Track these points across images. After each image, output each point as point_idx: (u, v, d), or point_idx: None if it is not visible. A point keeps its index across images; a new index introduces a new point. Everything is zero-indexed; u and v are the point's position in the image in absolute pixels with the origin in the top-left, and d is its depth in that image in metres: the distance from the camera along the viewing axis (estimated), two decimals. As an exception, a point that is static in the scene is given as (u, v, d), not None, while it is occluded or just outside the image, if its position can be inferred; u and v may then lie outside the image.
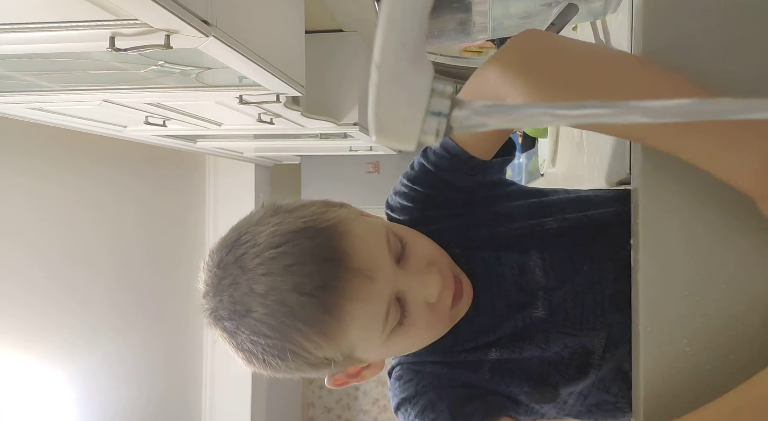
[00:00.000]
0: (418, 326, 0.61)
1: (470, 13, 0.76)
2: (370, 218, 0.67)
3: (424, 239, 0.66)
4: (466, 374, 0.69)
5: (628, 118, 0.26)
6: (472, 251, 0.71)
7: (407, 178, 0.69)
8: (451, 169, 0.66)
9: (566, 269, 0.69)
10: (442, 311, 0.63)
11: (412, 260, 0.62)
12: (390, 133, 0.29)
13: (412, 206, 0.70)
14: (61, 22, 0.96)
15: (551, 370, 0.69)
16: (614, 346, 0.69)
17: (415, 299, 0.60)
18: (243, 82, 1.47)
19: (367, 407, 4.32)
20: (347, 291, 0.55)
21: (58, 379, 2.11)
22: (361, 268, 0.56)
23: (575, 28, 1.05)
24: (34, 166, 2.02)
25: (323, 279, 0.55)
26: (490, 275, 0.69)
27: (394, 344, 0.62)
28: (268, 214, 0.61)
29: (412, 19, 0.28)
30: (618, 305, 0.67)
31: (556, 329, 0.68)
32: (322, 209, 0.61)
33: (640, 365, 0.53)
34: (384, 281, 0.58)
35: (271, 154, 3.24)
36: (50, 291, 2.07)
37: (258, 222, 0.60)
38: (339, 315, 0.55)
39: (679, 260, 0.52)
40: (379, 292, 0.57)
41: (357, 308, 0.56)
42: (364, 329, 0.58)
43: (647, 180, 0.53)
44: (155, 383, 2.72)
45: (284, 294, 0.54)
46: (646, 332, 0.53)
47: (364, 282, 0.56)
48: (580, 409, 0.73)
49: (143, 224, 2.64)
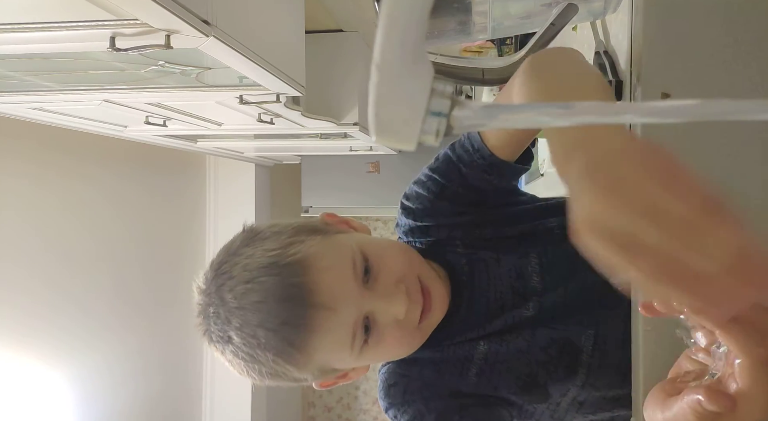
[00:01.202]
0: (388, 342, 0.65)
1: (470, 14, 0.76)
2: (340, 241, 0.67)
3: (394, 254, 0.68)
4: (454, 379, 0.71)
5: (623, 118, 0.26)
6: (475, 250, 0.73)
7: (429, 168, 0.73)
8: (470, 161, 0.69)
9: (562, 272, 0.71)
10: (411, 327, 0.65)
11: (381, 279, 0.64)
12: (390, 133, 0.29)
13: (426, 195, 0.72)
14: (62, 22, 0.96)
15: (539, 369, 0.70)
16: (604, 343, 0.69)
17: (383, 318, 0.63)
18: (243, 82, 1.47)
19: (368, 407, 4.32)
20: (309, 325, 0.59)
21: (57, 380, 2.11)
22: (323, 301, 0.60)
23: (575, 28, 1.05)
24: (34, 167, 2.02)
25: (286, 316, 0.59)
26: (488, 276, 0.72)
27: (368, 357, 0.66)
28: (243, 243, 0.65)
29: (412, 19, 0.28)
30: (607, 305, 0.69)
31: (543, 324, 0.70)
32: (290, 240, 0.64)
33: (641, 366, 0.53)
34: (347, 310, 0.61)
35: (271, 154, 3.24)
36: (48, 292, 2.07)
37: (235, 252, 0.64)
38: (304, 347, 0.60)
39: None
40: (343, 320, 0.61)
41: (321, 339, 0.61)
42: (331, 353, 0.63)
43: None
44: (155, 383, 2.72)
45: (254, 328, 0.60)
46: (646, 332, 0.53)
47: (326, 314, 0.60)
48: (576, 415, 0.73)
49: (143, 224, 2.64)
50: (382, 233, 4.34)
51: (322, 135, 2.44)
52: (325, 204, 3.51)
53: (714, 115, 0.26)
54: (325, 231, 0.69)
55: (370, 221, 4.73)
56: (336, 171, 3.42)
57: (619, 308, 0.68)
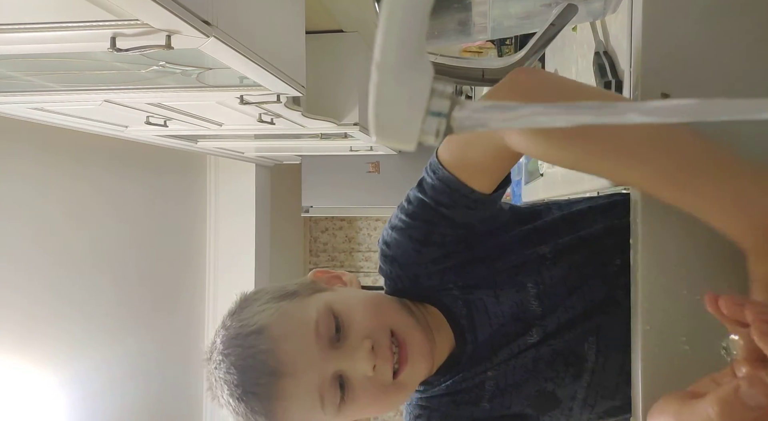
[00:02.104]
0: (364, 399, 0.64)
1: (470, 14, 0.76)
2: (309, 303, 0.67)
3: (362, 310, 0.67)
4: (470, 409, 0.72)
5: (623, 118, 0.26)
6: (471, 290, 0.71)
7: (404, 212, 0.68)
8: (451, 203, 0.65)
9: (560, 293, 0.70)
10: (383, 383, 0.64)
11: (350, 337, 0.64)
12: (390, 133, 0.29)
13: (409, 243, 0.69)
14: (63, 22, 0.97)
15: (546, 383, 0.71)
16: (606, 348, 0.70)
17: (353, 376, 0.64)
18: (244, 82, 1.47)
19: None
20: (270, 393, 0.62)
21: (50, 383, 2.09)
22: (281, 369, 0.61)
23: (575, 28, 1.05)
24: (33, 168, 2.02)
25: (248, 385, 0.62)
26: (489, 315, 0.71)
27: (350, 414, 0.66)
28: (231, 312, 0.69)
29: (413, 19, 0.28)
30: (607, 311, 0.70)
31: (546, 343, 0.71)
32: (260, 308, 0.67)
33: (639, 365, 0.53)
34: (307, 375, 0.62)
35: (271, 154, 3.24)
36: (47, 293, 2.07)
37: (223, 323, 0.68)
38: (269, 413, 0.63)
39: (678, 259, 0.52)
40: (305, 385, 0.62)
41: (286, 405, 0.62)
42: (303, 415, 0.65)
43: (647, 180, 0.53)
44: (155, 384, 2.72)
45: (228, 395, 0.64)
46: (645, 332, 0.53)
47: (285, 381, 0.62)
48: (590, 416, 0.74)
49: (143, 224, 2.65)
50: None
51: (322, 135, 2.44)
52: (326, 204, 3.51)
53: (713, 115, 0.26)
54: (304, 293, 0.69)
55: (370, 221, 4.74)
56: (336, 171, 3.43)
57: (619, 312, 0.69)
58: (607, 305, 0.70)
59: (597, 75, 0.85)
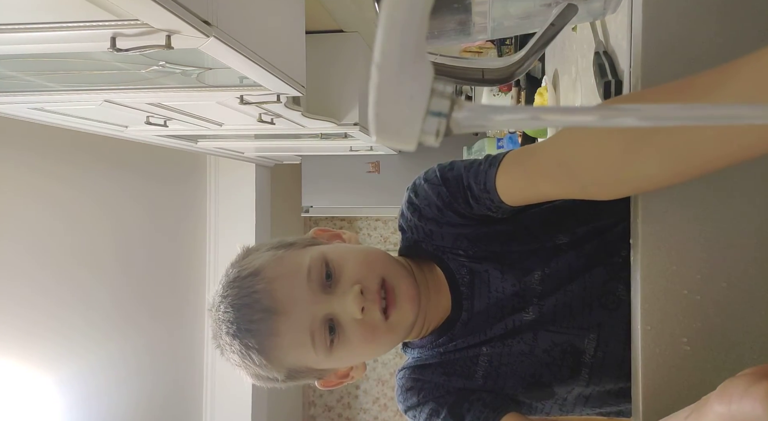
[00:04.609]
0: (355, 341, 0.67)
1: (470, 14, 0.76)
2: (304, 251, 0.71)
3: (355, 259, 0.70)
4: (462, 381, 0.74)
5: (618, 121, 0.26)
6: (479, 260, 0.73)
7: (442, 176, 0.69)
8: (478, 196, 0.66)
9: (562, 277, 0.71)
10: (375, 324, 0.67)
11: (341, 283, 0.68)
12: (390, 133, 0.29)
13: (435, 200, 0.70)
14: (62, 22, 0.97)
15: (543, 370, 0.72)
16: (606, 344, 0.70)
17: (343, 318, 0.67)
18: (244, 82, 1.47)
19: (368, 406, 4.32)
20: (263, 330, 0.65)
21: (48, 384, 2.08)
22: (274, 306, 0.65)
23: (575, 28, 1.05)
24: (33, 167, 2.02)
25: (242, 323, 0.66)
26: (490, 288, 0.72)
27: (341, 356, 0.69)
28: (232, 262, 0.72)
29: (413, 19, 0.28)
30: (607, 305, 0.70)
31: (544, 327, 0.71)
32: (258, 255, 0.71)
33: (640, 364, 0.53)
34: (299, 313, 0.66)
35: (271, 154, 3.24)
36: (43, 294, 2.06)
37: (228, 266, 0.72)
38: (263, 350, 0.66)
39: (679, 259, 0.52)
40: (296, 323, 0.66)
41: (277, 341, 0.66)
42: (295, 353, 0.68)
43: (647, 180, 0.53)
44: (155, 384, 2.72)
45: (224, 336, 0.68)
46: (646, 332, 0.53)
47: (278, 318, 0.65)
48: (583, 408, 0.74)
49: (143, 225, 2.64)
50: (383, 232, 4.35)
51: (322, 135, 2.44)
52: (326, 204, 3.51)
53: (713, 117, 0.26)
54: (301, 244, 0.73)
55: (370, 221, 4.73)
56: (336, 171, 3.42)
57: (620, 309, 0.69)
58: (608, 298, 0.70)
59: (597, 75, 0.84)
